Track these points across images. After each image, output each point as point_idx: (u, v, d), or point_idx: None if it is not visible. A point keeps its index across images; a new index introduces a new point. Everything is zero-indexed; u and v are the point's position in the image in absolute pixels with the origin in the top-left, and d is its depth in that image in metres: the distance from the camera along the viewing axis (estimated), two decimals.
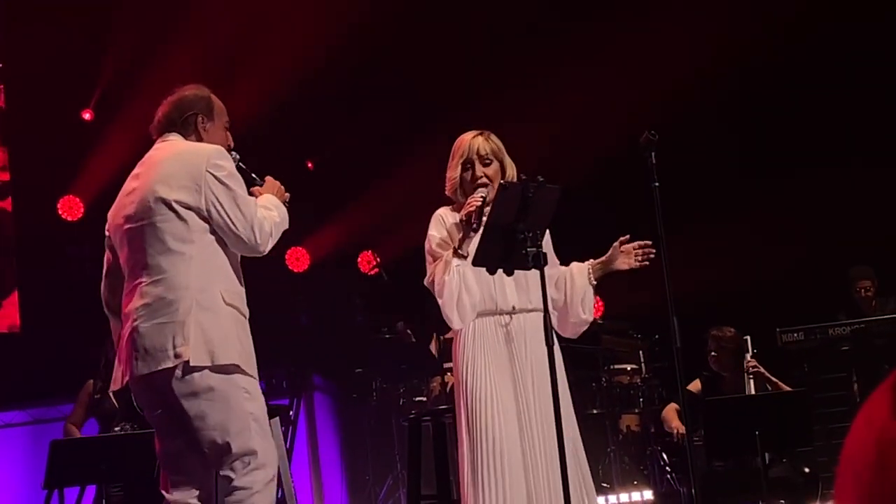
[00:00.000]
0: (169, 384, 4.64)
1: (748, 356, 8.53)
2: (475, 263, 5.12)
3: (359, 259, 12.75)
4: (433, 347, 10.03)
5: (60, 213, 11.90)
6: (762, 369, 8.49)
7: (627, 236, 5.41)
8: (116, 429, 8.29)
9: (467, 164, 5.44)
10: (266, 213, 4.90)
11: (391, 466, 10.71)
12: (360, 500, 11.46)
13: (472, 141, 5.45)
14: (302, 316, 12.48)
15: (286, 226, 5.07)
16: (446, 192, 5.55)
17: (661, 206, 5.34)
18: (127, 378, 4.80)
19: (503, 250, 4.95)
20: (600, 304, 10.05)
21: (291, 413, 10.12)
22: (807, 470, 8.37)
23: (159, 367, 4.62)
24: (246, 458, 4.69)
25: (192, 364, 4.58)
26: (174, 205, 4.71)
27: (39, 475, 7.49)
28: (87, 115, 11.92)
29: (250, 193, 5.11)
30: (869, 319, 9.34)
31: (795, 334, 9.26)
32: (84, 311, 11.22)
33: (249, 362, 4.78)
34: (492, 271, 5.20)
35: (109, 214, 5.05)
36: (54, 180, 11.87)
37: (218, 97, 5.19)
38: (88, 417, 8.75)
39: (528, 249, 4.87)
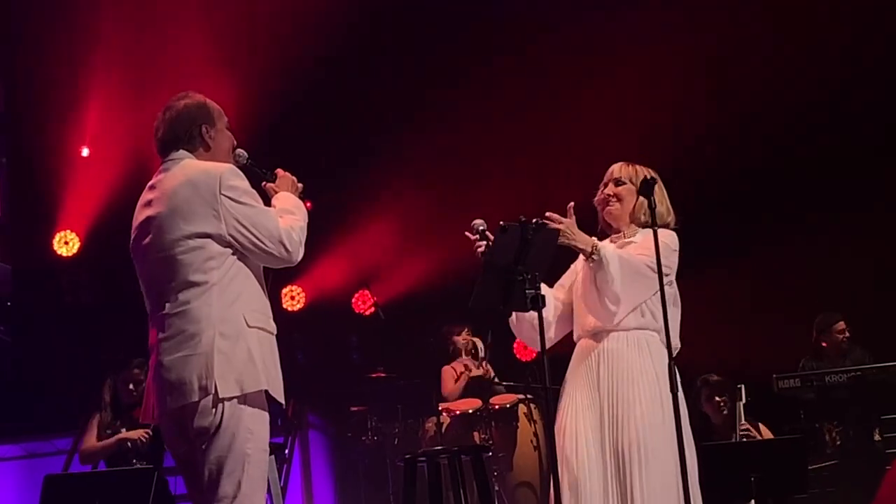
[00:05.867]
0: (191, 419, 4.58)
1: (741, 405, 8.55)
2: (473, 305, 5.13)
3: (354, 299, 12.74)
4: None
5: (55, 247, 11.84)
6: (754, 432, 8.50)
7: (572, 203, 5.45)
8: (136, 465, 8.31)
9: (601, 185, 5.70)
10: (290, 220, 4.84)
11: None
12: None
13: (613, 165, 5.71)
14: (298, 353, 12.48)
15: (307, 220, 4.97)
16: None
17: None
18: (157, 412, 4.74)
19: (502, 292, 4.95)
20: None
21: (286, 451, 10.12)
22: None
23: (188, 402, 4.56)
24: (228, 500, 4.59)
25: (221, 396, 4.53)
26: (193, 236, 4.65)
27: None
28: (84, 151, 11.86)
29: (263, 189, 5.08)
30: (865, 367, 9.33)
31: (791, 381, 9.25)
32: (80, 345, 11.35)
33: (276, 383, 4.72)
34: (490, 312, 5.24)
35: (131, 243, 4.94)
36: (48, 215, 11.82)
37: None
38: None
39: (528, 291, 4.87)
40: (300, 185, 5.19)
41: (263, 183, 5.16)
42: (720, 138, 11.35)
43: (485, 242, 5.24)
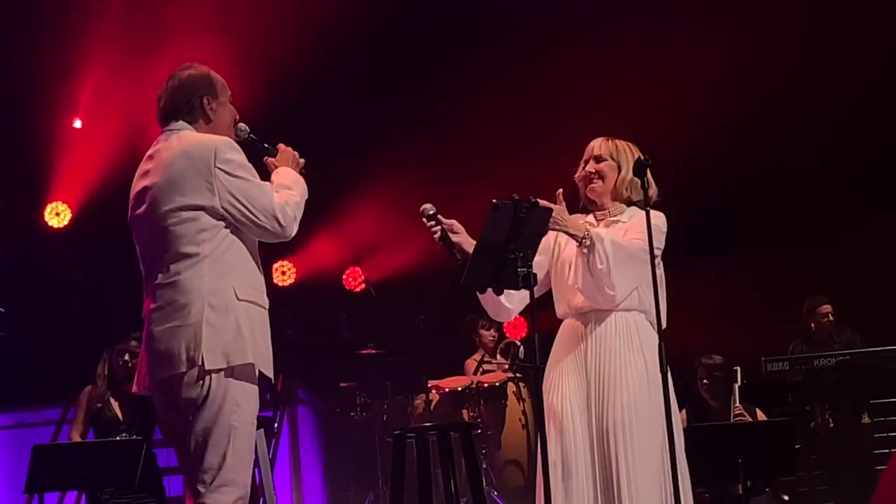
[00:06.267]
0: (179, 388, 4.59)
1: (736, 387, 8.57)
2: (465, 283, 5.13)
3: (345, 275, 12.74)
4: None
5: (46, 219, 11.82)
6: (747, 417, 8.52)
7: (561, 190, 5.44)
8: (118, 438, 8.29)
9: (582, 162, 5.66)
10: (286, 195, 4.82)
11: (373, 482, 10.67)
12: None
13: (593, 141, 5.68)
14: (288, 329, 12.48)
15: (307, 196, 4.96)
16: None
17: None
18: (147, 382, 4.76)
19: (493, 270, 4.95)
20: None
21: (275, 425, 10.13)
22: (786, 498, 8.39)
23: (175, 372, 4.57)
24: (213, 472, 4.60)
25: (207, 368, 4.53)
26: (186, 208, 4.64)
27: (21, 480, 7.48)
28: (77, 123, 11.84)
29: (264, 164, 5.07)
30: (853, 351, 9.37)
31: (780, 364, 9.28)
32: (69, 316, 11.35)
33: (264, 358, 4.72)
34: (482, 290, 5.24)
35: (129, 212, 4.93)
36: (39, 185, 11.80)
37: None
38: (89, 425, 8.68)
39: (519, 269, 4.86)
40: (301, 160, 5.16)
41: (265, 157, 5.15)
42: (724, 136, 11.39)
43: (440, 227, 5.25)
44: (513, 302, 5.48)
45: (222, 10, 11.07)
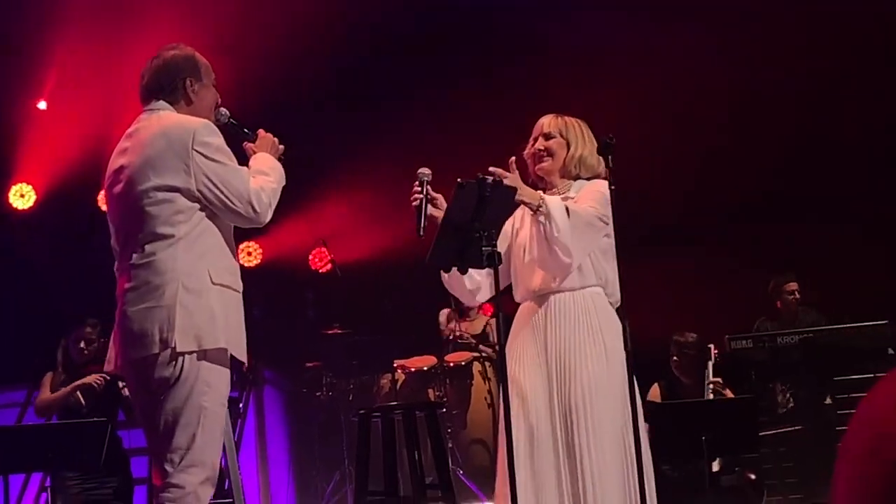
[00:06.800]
0: (152, 370, 4.59)
1: (710, 364, 8.62)
2: (429, 262, 5.13)
3: (312, 256, 12.73)
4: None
5: (10, 200, 11.77)
6: (724, 391, 8.56)
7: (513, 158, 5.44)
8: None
9: (531, 139, 5.63)
10: (262, 181, 4.83)
11: (339, 462, 10.69)
12: (306, 495, 11.44)
13: (542, 118, 5.65)
14: (253, 309, 12.45)
15: (284, 183, 4.98)
16: None
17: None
18: (120, 362, 4.75)
19: (458, 249, 4.95)
20: None
21: (241, 406, 10.13)
22: (752, 476, 8.44)
23: (148, 353, 4.57)
24: (182, 451, 4.61)
25: (178, 350, 4.54)
26: (162, 189, 4.64)
27: None
28: (41, 105, 11.77)
29: (243, 149, 5.07)
30: (817, 329, 9.42)
31: (744, 342, 9.32)
32: (33, 298, 11.29)
33: (237, 342, 4.74)
34: (447, 269, 5.24)
35: (104, 188, 4.97)
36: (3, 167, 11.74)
37: None
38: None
39: (484, 248, 4.87)
40: (281, 146, 5.17)
41: (244, 143, 5.16)
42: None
43: (422, 196, 5.24)
44: (476, 286, 5.50)
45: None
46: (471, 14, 11.65)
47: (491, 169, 5.08)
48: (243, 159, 5.00)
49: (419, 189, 5.25)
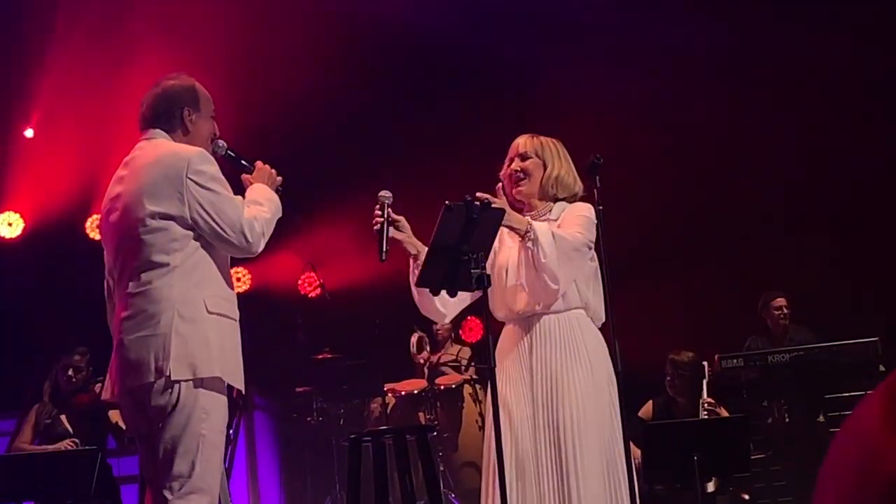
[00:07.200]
0: (149, 398, 4.61)
1: (704, 383, 8.61)
2: (418, 285, 5.13)
3: (300, 281, 12.71)
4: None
5: None
6: (719, 409, 8.55)
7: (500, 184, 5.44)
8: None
9: (507, 160, 5.59)
10: (256, 211, 4.85)
11: (330, 487, 10.66)
12: None
13: (518, 138, 5.61)
14: (243, 335, 12.40)
15: (280, 214, 5.02)
16: None
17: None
18: (117, 390, 4.76)
19: (447, 271, 4.94)
20: None
21: (231, 432, 10.09)
22: (746, 497, 8.43)
23: (144, 381, 4.59)
24: (183, 479, 4.62)
25: (173, 378, 4.55)
26: (157, 216, 4.66)
27: None
28: (28, 133, 11.76)
29: (240, 181, 5.09)
30: (807, 347, 9.42)
31: (735, 360, 9.31)
32: (21, 326, 11.26)
33: (233, 371, 4.75)
34: (435, 293, 5.23)
35: (100, 217, 5.02)
36: None
37: None
38: (37, 440, 8.65)
39: (473, 271, 4.86)
40: (279, 178, 5.19)
41: (242, 175, 5.17)
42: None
43: (383, 220, 5.24)
44: (447, 306, 5.48)
45: (180, 26, 11.05)
46: (454, 44, 11.68)
47: (478, 195, 5.06)
48: (241, 191, 5.02)
49: (380, 213, 5.25)
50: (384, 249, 5.17)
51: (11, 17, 11.12)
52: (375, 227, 5.23)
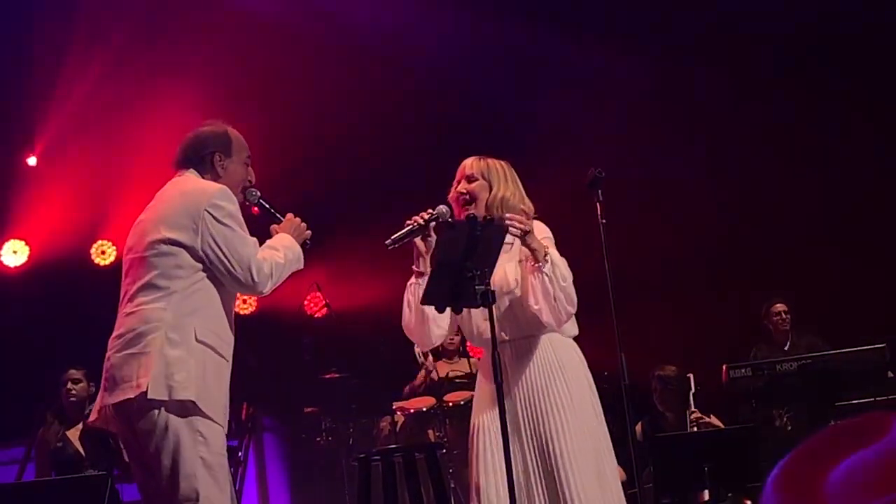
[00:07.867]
0: (133, 414, 4.64)
1: (692, 395, 8.60)
2: (423, 302, 5.12)
3: (307, 301, 12.70)
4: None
5: (2, 257, 11.76)
6: (706, 419, 8.54)
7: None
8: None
9: (454, 182, 5.53)
10: (269, 254, 4.92)
11: None
12: None
13: (465, 160, 5.56)
14: (250, 357, 12.41)
15: (299, 265, 5.09)
16: None
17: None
18: (99, 406, 4.81)
19: (451, 289, 4.94)
20: None
21: (241, 454, 10.08)
22: (748, 503, 8.43)
23: (123, 398, 4.62)
24: (192, 502, 4.63)
25: (149, 396, 4.57)
26: (167, 242, 4.75)
27: None
28: (31, 160, 11.78)
29: (268, 231, 5.15)
30: (815, 355, 9.40)
31: (743, 370, 9.29)
32: (28, 354, 11.26)
33: (211, 402, 4.73)
34: (440, 310, 5.21)
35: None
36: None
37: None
38: (50, 468, 8.64)
39: (477, 287, 4.85)
40: (308, 232, 5.25)
41: (272, 226, 5.23)
42: None
43: (422, 224, 5.22)
44: (442, 326, 5.44)
45: (190, 61, 11.11)
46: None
47: (508, 215, 5.05)
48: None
49: (425, 218, 5.23)
50: (396, 242, 5.18)
51: (23, 45, 11.17)
52: (409, 222, 5.22)
